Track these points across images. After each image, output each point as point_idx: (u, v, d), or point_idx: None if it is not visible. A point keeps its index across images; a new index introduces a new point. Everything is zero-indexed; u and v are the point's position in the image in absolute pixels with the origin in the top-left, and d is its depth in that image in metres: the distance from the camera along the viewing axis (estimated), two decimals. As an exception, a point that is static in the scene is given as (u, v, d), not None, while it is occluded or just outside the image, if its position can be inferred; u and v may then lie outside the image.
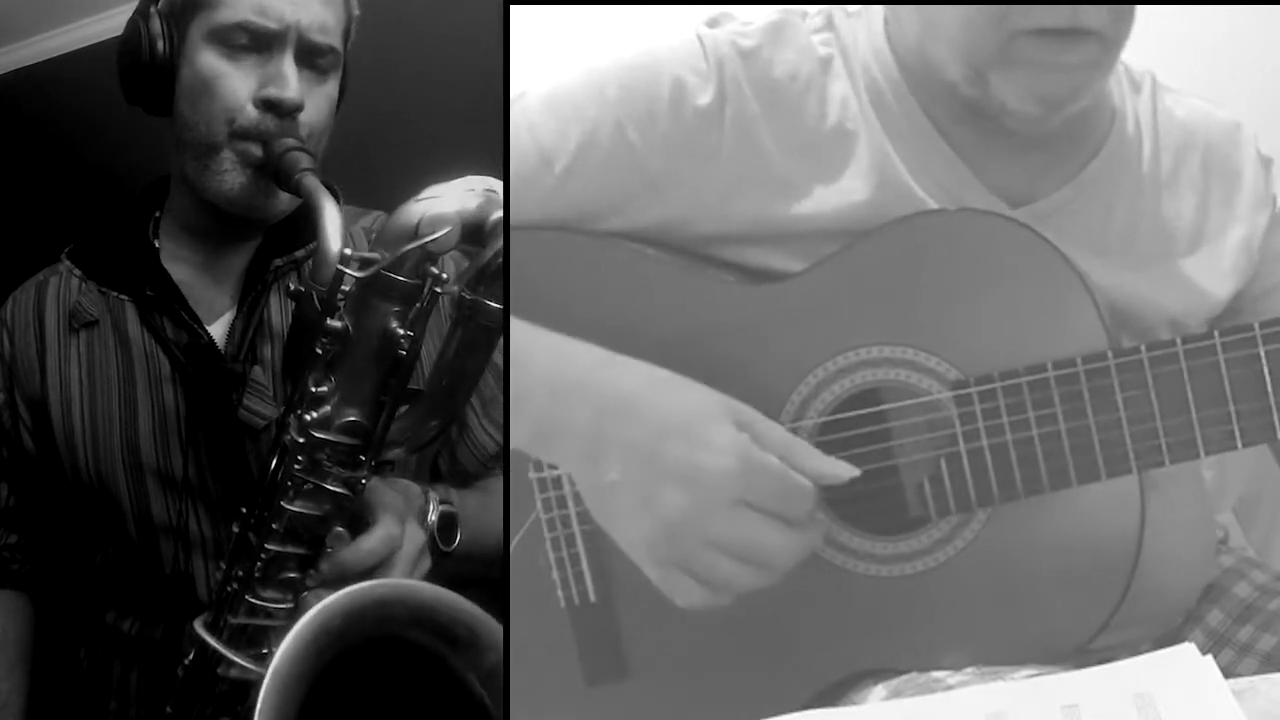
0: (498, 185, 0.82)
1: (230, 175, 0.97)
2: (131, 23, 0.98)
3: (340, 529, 0.83)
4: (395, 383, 0.81)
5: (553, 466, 0.87)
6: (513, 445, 0.84)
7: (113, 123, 1.12)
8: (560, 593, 0.89)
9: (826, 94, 0.89)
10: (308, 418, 0.80)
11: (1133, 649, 0.91)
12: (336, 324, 0.79)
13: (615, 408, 0.79)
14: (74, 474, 1.03)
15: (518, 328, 0.83)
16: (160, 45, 0.96)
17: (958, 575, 0.85)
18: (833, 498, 0.85)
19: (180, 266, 1.05)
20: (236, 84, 0.95)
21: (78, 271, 1.07)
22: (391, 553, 0.86)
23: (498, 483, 1.07)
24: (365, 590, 0.77)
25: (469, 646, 0.79)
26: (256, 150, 0.95)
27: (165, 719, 0.89)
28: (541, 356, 0.82)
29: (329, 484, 0.82)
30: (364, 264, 0.79)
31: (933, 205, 0.87)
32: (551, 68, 0.93)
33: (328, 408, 0.80)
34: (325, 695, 0.75)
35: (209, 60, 0.96)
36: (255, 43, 0.95)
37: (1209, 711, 0.66)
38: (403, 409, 0.84)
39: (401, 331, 0.80)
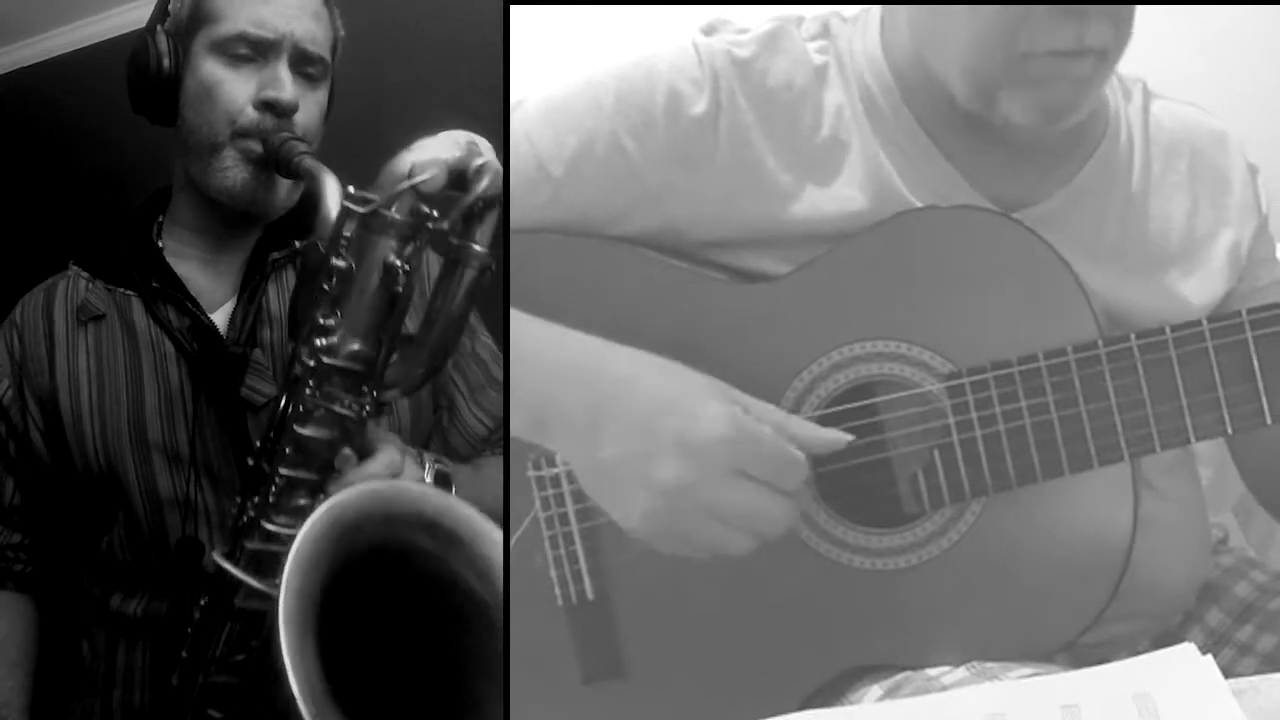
0: (479, 139, 0.90)
1: (233, 171, 1.04)
2: (140, 40, 1.06)
3: (348, 451, 0.89)
4: (393, 318, 0.89)
5: (551, 465, 0.87)
6: (511, 433, 0.85)
7: (114, 121, 1.15)
8: (558, 591, 0.89)
9: (821, 103, 0.89)
10: (319, 342, 0.87)
11: (1131, 647, 0.91)
12: (341, 263, 0.87)
13: (609, 390, 0.81)
14: (82, 459, 1.06)
15: (512, 317, 0.84)
16: (166, 62, 1.05)
17: (951, 569, 0.85)
18: (827, 491, 0.85)
19: (183, 263, 1.10)
20: (237, 89, 1.03)
21: (85, 273, 1.12)
22: (394, 476, 0.91)
23: (486, 460, 1.14)
24: (372, 487, 0.85)
25: (467, 544, 0.85)
26: (257, 147, 1.03)
27: (180, 664, 0.92)
28: (535, 344, 0.84)
29: (337, 408, 0.88)
30: (363, 202, 0.86)
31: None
32: (551, 68, 0.94)
33: (335, 338, 0.87)
34: (341, 594, 0.81)
35: (211, 68, 1.04)
36: (253, 51, 1.03)
37: (1209, 711, 0.66)
38: (395, 355, 0.91)
39: (399, 264, 0.87)
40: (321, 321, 0.87)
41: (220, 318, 1.08)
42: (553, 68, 0.95)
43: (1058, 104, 0.84)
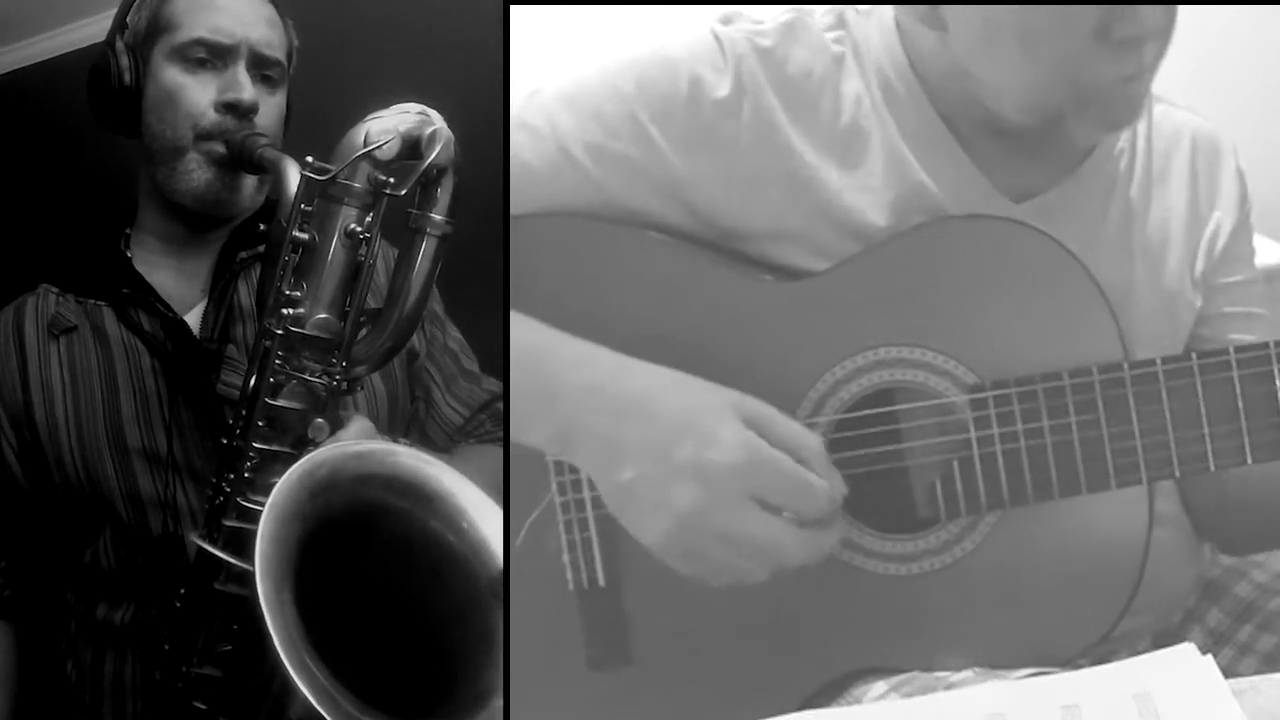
0: (430, 110, 0.93)
1: (197, 174, 1.05)
2: (101, 54, 1.08)
3: (320, 421, 0.90)
4: (357, 286, 0.91)
5: None
6: (532, 444, 0.86)
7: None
8: (570, 575, 0.89)
9: (840, 92, 0.89)
10: (286, 312, 0.89)
11: (1131, 646, 0.91)
12: (303, 235, 0.89)
13: (629, 411, 0.82)
14: (60, 472, 1.05)
15: (535, 331, 0.85)
16: (128, 76, 1.07)
17: (964, 577, 0.85)
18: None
19: (153, 271, 1.10)
20: (197, 93, 1.05)
21: (54, 289, 1.12)
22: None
23: (461, 450, 1.16)
24: (346, 446, 0.87)
25: (442, 500, 0.87)
26: (219, 148, 1.05)
27: (163, 656, 0.93)
28: (559, 364, 0.84)
29: (307, 376, 0.90)
30: (322, 171, 0.89)
31: (943, 199, 0.87)
32: (551, 68, 0.93)
33: (301, 308, 0.90)
34: (319, 554, 0.82)
35: (171, 75, 1.06)
36: (212, 56, 1.06)
37: (1209, 711, 0.66)
38: (363, 331, 0.93)
39: (360, 230, 0.89)
40: (287, 293, 0.89)
41: (192, 319, 1.08)
42: (553, 68, 0.95)
43: (1122, 118, 0.87)
